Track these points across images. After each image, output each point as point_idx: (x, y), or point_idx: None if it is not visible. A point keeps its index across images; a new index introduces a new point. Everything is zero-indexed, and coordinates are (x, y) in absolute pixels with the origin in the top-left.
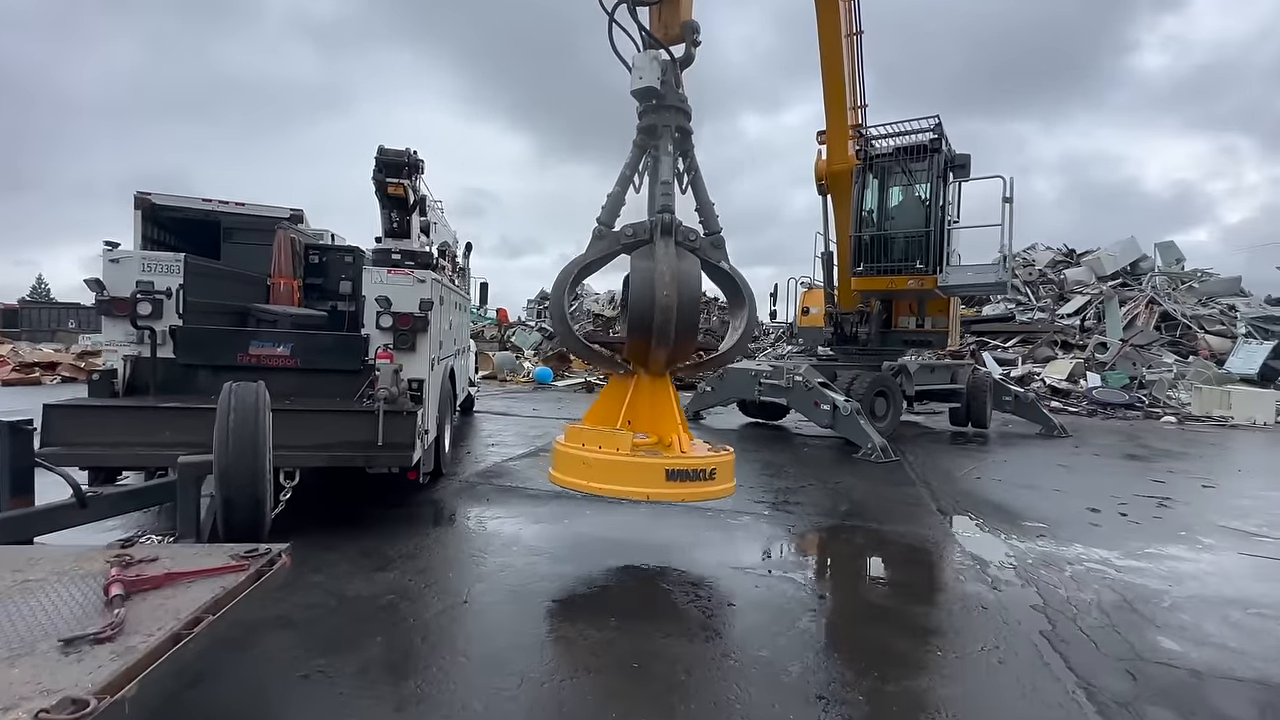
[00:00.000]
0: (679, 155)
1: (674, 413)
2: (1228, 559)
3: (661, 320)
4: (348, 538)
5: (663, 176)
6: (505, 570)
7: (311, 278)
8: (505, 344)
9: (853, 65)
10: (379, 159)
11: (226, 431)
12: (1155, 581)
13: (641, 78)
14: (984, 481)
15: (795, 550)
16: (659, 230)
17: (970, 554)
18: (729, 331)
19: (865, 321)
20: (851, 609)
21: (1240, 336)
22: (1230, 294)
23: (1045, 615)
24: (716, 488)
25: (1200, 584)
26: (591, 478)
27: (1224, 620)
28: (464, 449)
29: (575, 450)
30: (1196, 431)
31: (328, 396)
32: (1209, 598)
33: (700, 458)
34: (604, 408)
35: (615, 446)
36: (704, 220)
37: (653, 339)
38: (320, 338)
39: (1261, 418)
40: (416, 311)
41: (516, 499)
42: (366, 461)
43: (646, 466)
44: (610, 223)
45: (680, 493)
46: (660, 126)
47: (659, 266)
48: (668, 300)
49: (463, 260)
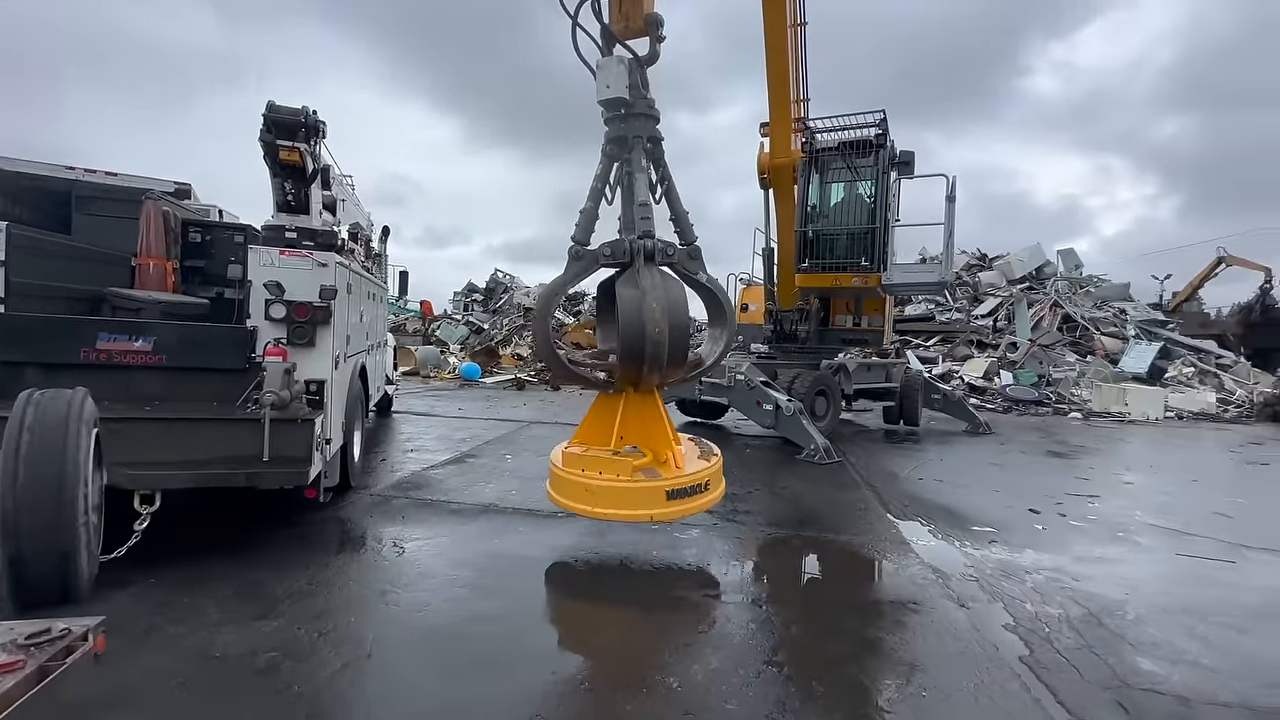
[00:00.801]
0: (651, 165)
1: (665, 426)
2: (1168, 562)
3: (654, 353)
4: (223, 572)
5: (639, 197)
6: (422, 611)
7: (191, 259)
8: (429, 338)
9: (796, 57)
10: (268, 116)
11: (15, 461)
12: (1111, 590)
13: (609, 86)
14: (926, 483)
15: (752, 570)
16: (642, 257)
17: (930, 565)
18: (708, 341)
19: (805, 319)
20: (823, 643)
21: (1131, 338)
22: (1121, 299)
23: (1019, 636)
24: (711, 496)
25: (1153, 591)
26: (595, 503)
27: (1189, 633)
28: (378, 456)
29: (577, 478)
30: (1101, 427)
31: (203, 401)
32: (1167, 607)
33: (696, 473)
34: (596, 425)
35: (616, 473)
36: (680, 231)
37: (645, 368)
38: (192, 330)
39: (1153, 414)
40: (316, 300)
41: (438, 516)
42: (248, 480)
43: (648, 490)
44: (586, 240)
45: (681, 509)
46: (631, 137)
47: (648, 301)
48: (660, 335)
49: (379, 246)
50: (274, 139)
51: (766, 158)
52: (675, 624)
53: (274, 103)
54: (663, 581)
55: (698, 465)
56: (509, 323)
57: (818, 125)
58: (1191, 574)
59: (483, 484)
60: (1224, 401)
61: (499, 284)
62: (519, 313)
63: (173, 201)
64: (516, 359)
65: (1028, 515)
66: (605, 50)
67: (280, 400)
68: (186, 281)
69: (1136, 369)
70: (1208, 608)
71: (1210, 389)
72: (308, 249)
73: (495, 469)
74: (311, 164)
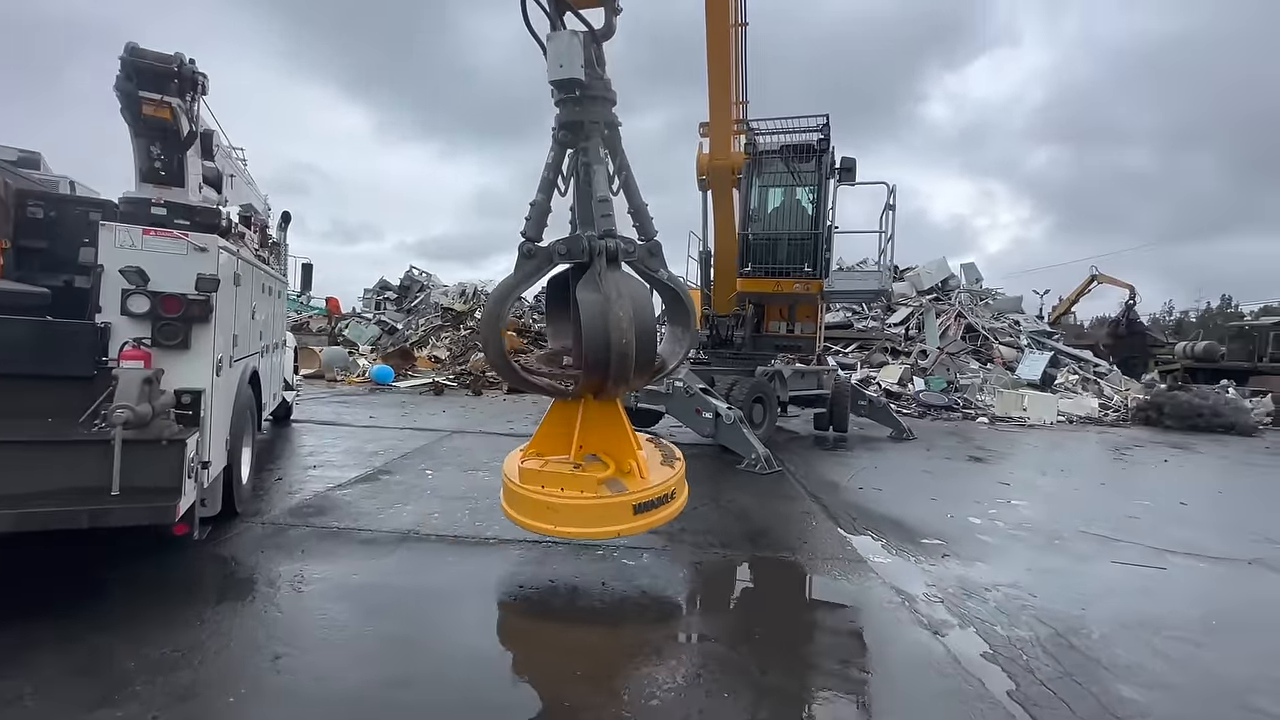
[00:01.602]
0: (608, 154)
1: (627, 434)
2: (1108, 571)
3: (620, 365)
4: (54, 636)
5: (599, 193)
6: (323, 683)
7: (31, 239)
8: (336, 338)
9: (737, 57)
10: (127, 61)
11: None
12: (1068, 606)
13: (562, 66)
14: (867, 492)
15: (712, 601)
16: (604, 259)
17: (892, 586)
18: (669, 342)
19: (740, 325)
20: (807, 689)
21: (1025, 348)
22: (1014, 310)
23: (1000, 666)
24: (677, 505)
25: (1106, 605)
26: (558, 522)
27: (1154, 651)
28: (273, 475)
29: (537, 495)
30: (1006, 431)
31: (35, 418)
32: (1123, 621)
33: (662, 483)
34: (552, 433)
35: (578, 489)
36: (639, 225)
37: (610, 380)
38: (18, 326)
39: (1048, 418)
40: (192, 292)
41: (346, 548)
42: (91, 520)
43: (614, 506)
44: (537, 236)
45: (648, 522)
46: (587, 123)
47: (613, 310)
48: (626, 346)
49: (277, 233)
50: (136, 89)
51: (705, 159)
52: (638, 678)
53: (136, 45)
54: (617, 621)
55: (662, 473)
56: (425, 323)
57: (759, 127)
58: (1132, 584)
59: (400, 506)
60: (1104, 406)
61: (415, 282)
62: (436, 312)
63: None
64: (434, 361)
65: (969, 525)
66: (556, 22)
67: (137, 416)
68: (23, 266)
69: (1031, 376)
70: (1159, 620)
71: (1092, 395)
72: (181, 229)
73: (414, 487)
74: (187, 125)
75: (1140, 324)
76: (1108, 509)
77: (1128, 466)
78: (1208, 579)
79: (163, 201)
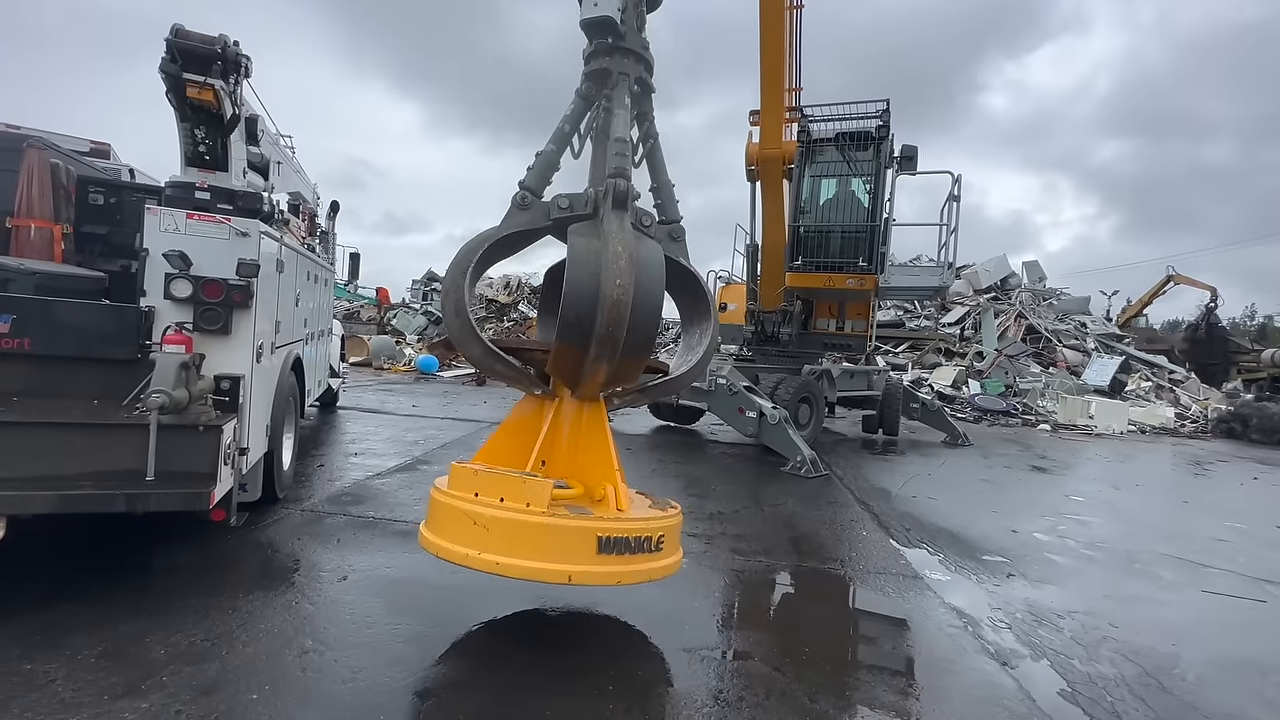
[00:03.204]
0: (636, 115)
1: (609, 451)
2: (1199, 601)
3: (609, 322)
4: (88, 621)
5: (616, 132)
6: (354, 681)
7: (91, 224)
8: (385, 328)
9: (791, 42)
10: (172, 43)
11: None
12: (1156, 640)
13: (596, 4)
14: (921, 501)
15: (751, 615)
16: (610, 200)
17: (954, 608)
18: (684, 346)
19: (788, 321)
20: None
21: (1092, 351)
22: (1081, 312)
23: (1082, 709)
24: (662, 562)
25: (1199, 640)
26: (489, 547)
27: (1260, 699)
28: (315, 461)
29: (466, 504)
30: (1071, 440)
31: (80, 400)
32: (1221, 662)
33: (644, 520)
34: (509, 441)
35: (525, 500)
36: (661, 204)
37: (591, 347)
38: (66, 309)
39: (1117, 427)
40: (233, 278)
41: (381, 539)
42: (128, 504)
43: (571, 531)
44: (538, 189)
45: (615, 571)
46: (616, 74)
47: (611, 247)
48: (620, 294)
49: (326, 223)
50: (180, 72)
51: (755, 148)
52: (674, 697)
53: (181, 27)
54: (653, 630)
55: (647, 513)
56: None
57: (814, 114)
58: (1229, 618)
59: None
60: (1181, 416)
61: None
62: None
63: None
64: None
65: (1035, 542)
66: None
67: (173, 401)
68: (83, 251)
69: (1099, 382)
70: (1264, 662)
71: (1167, 403)
72: (224, 214)
73: None
74: (231, 108)
75: (1221, 328)
76: (1191, 530)
77: (1210, 483)
78: None
79: (206, 186)
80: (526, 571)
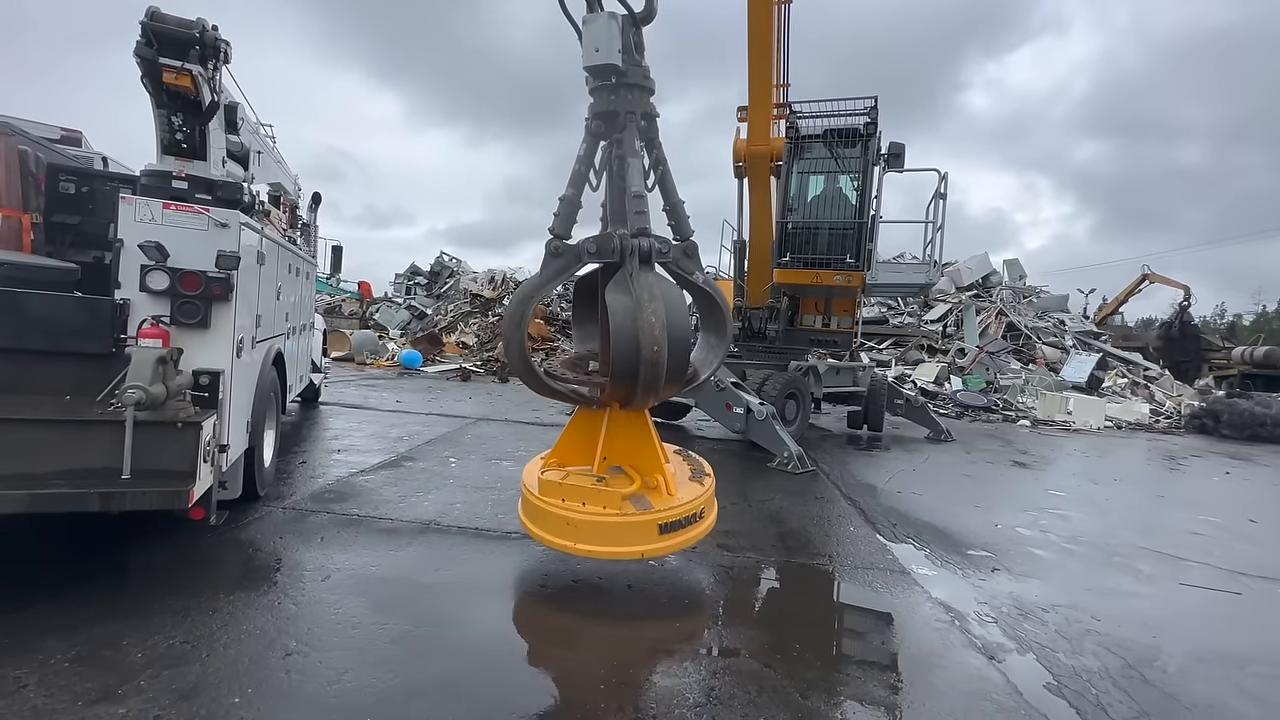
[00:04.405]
0: (645, 143)
1: (655, 446)
2: (1177, 595)
3: (650, 376)
4: (62, 623)
5: (633, 187)
6: (339, 683)
7: (62, 214)
8: (367, 322)
9: (779, 37)
10: (148, 27)
11: None
12: (1137, 633)
13: (598, 50)
14: (906, 496)
15: (741, 611)
16: (636, 260)
17: (940, 603)
18: (701, 349)
19: (775, 318)
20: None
21: (1070, 348)
22: (1060, 310)
23: (1068, 702)
24: (706, 525)
25: (1180, 633)
26: (578, 538)
27: (1239, 690)
28: (297, 457)
29: (559, 510)
30: (1051, 435)
31: (52, 395)
32: (1200, 654)
33: (691, 501)
34: (574, 443)
35: (602, 504)
36: (674, 224)
37: (639, 390)
38: (36, 301)
39: (1095, 422)
40: (212, 270)
41: (366, 537)
42: (102, 503)
43: (639, 525)
44: (566, 234)
45: (675, 543)
46: (623, 114)
47: (645, 315)
48: (657, 355)
49: (308, 215)
50: (156, 55)
51: (743, 144)
52: (666, 694)
53: (157, 9)
54: (643, 629)
55: (691, 490)
56: (455, 308)
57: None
58: (1206, 610)
59: (422, 494)
60: (1155, 412)
61: (445, 268)
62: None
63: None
64: (462, 347)
65: (1019, 536)
66: (594, 3)
67: (150, 398)
68: (53, 242)
69: (1076, 378)
70: (1242, 654)
71: (1142, 400)
72: (203, 203)
73: (437, 475)
74: (209, 95)
75: (1194, 326)
76: (1168, 523)
77: (1185, 477)
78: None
79: (184, 175)
80: (612, 554)
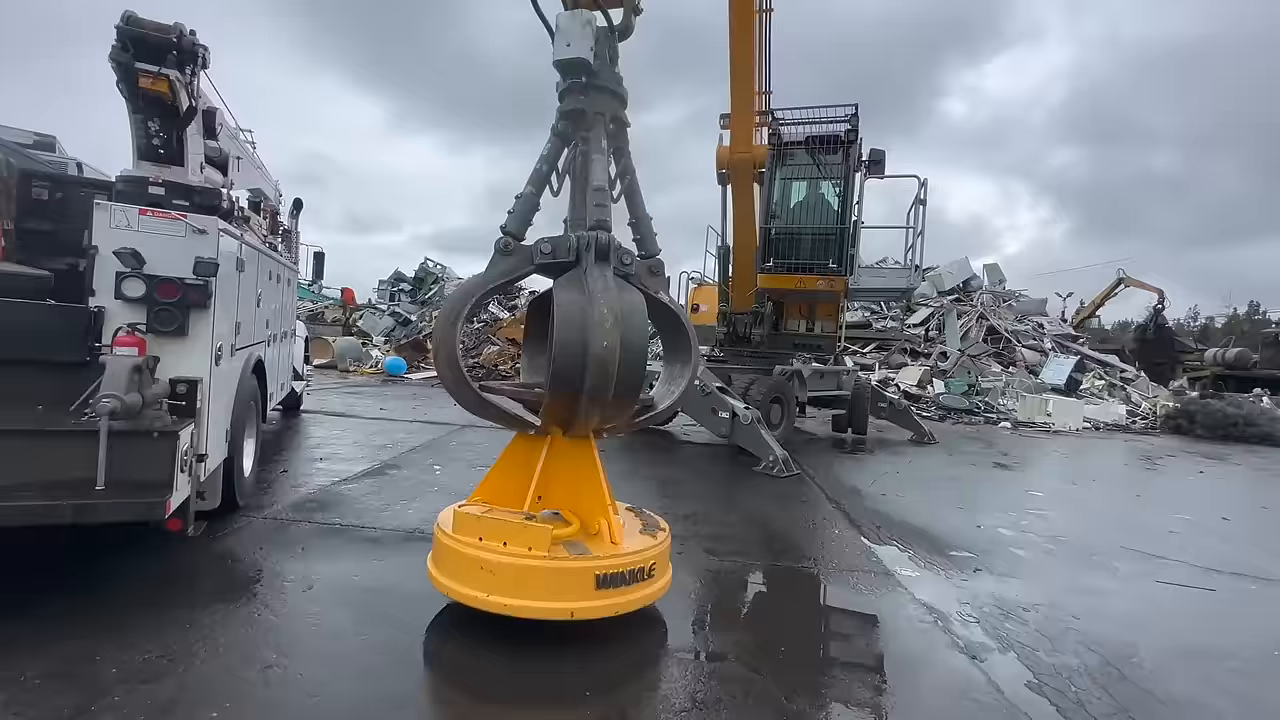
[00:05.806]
0: (612, 151)
1: (600, 486)
2: (1154, 592)
3: (597, 379)
4: (33, 636)
5: (595, 181)
6: (321, 695)
7: (35, 220)
8: (351, 329)
9: (761, 46)
10: (124, 30)
11: None
12: (1115, 629)
13: (569, 45)
14: (890, 499)
15: (727, 616)
16: (593, 253)
17: (924, 604)
18: (664, 380)
19: (759, 322)
20: None
21: (1049, 351)
22: (1039, 313)
23: (1048, 699)
24: (655, 587)
25: (1157, 631)
26: (494, 588)
27: (1213, 685)
28: (278, 466)
29: (473, 550)
30: (1032, 437)
31: (23, 404)
32: (1177, 649)
33: (637, 552)
34: (505, 478)
35: (527, 544)
36: (640, 239)
37: (582, 400)
38: (6, 309)
39: (1073, 424)
40: (190, 277)
41: (349, 547)
42: (76, 515)
43: (570, 574)
44: (519, 233)
45: (614, 603)
46: (591, 114)
47: (597, 307)
48: (607, 353)
49: (289, 221)
50: (133, 60)
51: (726, 152)
52: (652, 701)
53: (133, 14)
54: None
55: (639, 542)
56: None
57: (784, 117)
58: (1182, 607)
59: (406, 503)
60: (1132, 414)
61: (429, 274)
62: None
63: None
64: None
65: (1000, 537)
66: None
67: (125, 407)
68: (25, 249)
69: (1055, 381)
70: (1216, 649)
71: (1119, 401)
72: (180, 209)
73: (421, 484)
74: (187, 100)
75: (1168, 329)
76: (1145, 523)
77: (1161, 477)
78: (1262, 602)
79: (161, 181)
80: (532, 611)
